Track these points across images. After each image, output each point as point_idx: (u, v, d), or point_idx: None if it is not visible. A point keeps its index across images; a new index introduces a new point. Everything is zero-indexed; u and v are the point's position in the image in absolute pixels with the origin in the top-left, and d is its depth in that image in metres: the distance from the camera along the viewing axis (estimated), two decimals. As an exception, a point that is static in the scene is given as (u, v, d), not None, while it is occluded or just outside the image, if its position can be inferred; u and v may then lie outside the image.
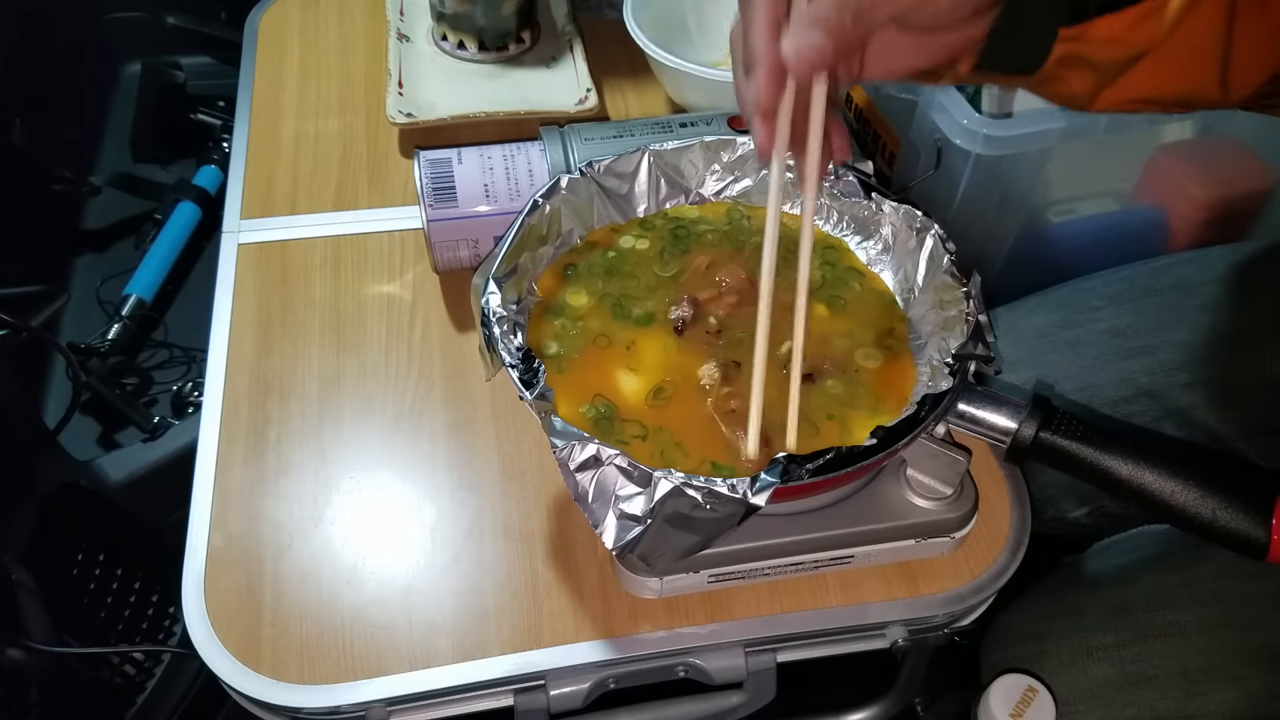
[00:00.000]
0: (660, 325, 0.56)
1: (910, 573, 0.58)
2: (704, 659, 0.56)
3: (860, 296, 0.59)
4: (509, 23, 0.84)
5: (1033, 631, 0.65)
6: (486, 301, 0.52)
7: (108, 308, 1.10)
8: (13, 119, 1.09)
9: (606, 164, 0.59)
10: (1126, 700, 0.60)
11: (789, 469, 0.44)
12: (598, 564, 0.57)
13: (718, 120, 0.70)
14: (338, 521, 0.59)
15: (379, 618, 0.55)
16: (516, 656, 0.54)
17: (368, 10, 0.93)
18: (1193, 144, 0.84)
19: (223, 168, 1.22)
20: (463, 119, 0.78)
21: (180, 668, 0.87)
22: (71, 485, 0.87)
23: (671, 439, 0.51)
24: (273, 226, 0.75)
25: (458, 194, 0.66)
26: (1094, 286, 0.75)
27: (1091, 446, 0.47)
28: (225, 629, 0.55)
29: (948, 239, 0.55)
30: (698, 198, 0.63)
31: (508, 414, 0.64)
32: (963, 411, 0.50)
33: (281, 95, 0.85)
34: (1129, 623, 0.62)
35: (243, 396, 0.65)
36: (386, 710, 0.54)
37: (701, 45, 0.85)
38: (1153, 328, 0.70)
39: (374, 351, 0.67)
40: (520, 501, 0.60)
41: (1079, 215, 0.85)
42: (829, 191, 0.60)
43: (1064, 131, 0.72)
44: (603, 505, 0.45)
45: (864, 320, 0.57)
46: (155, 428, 0.99)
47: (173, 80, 1.26)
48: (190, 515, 0.59)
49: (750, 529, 0.49)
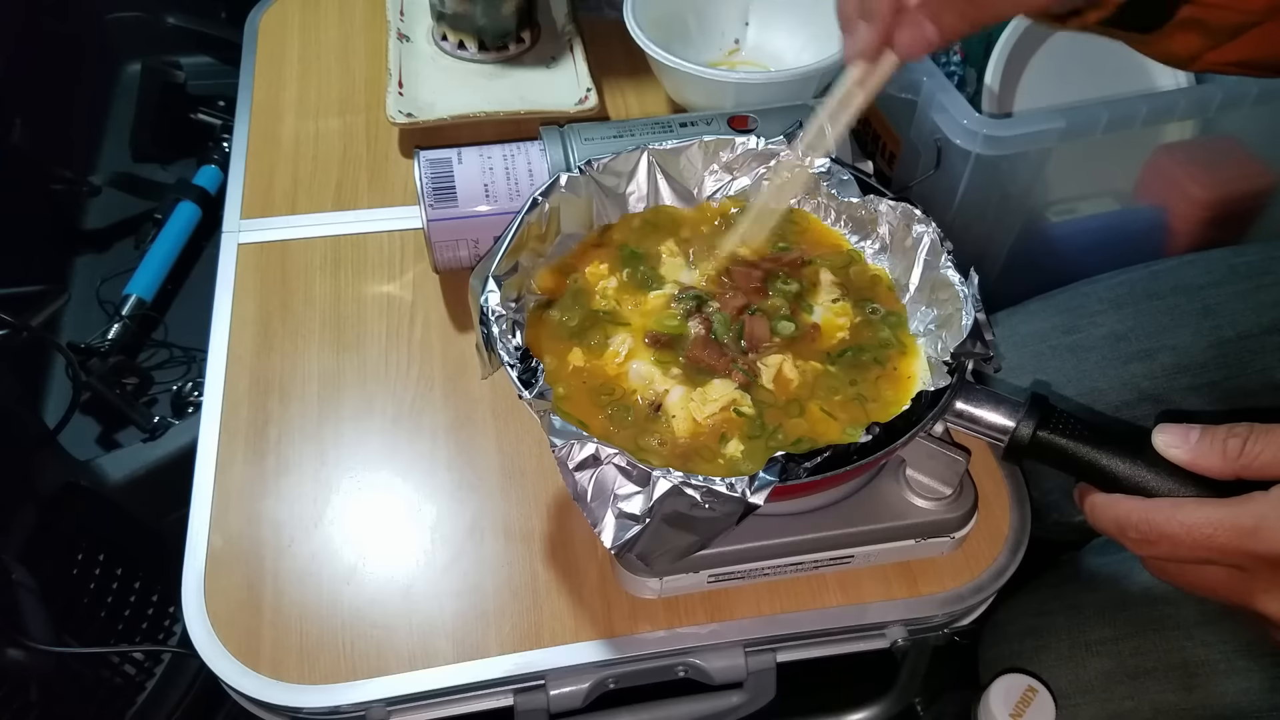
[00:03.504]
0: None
1: (910, 573, 0.58)
2: (704, 659, 0.56)
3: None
4: (509, 23, 0.84)
5: (1031, 627, 0.66)
6: (485, 300, 0.52)
7: (108, 308, 1.10)
8: (13, 119, 1.09)
9: (605, 162, 0.59)
10: (1126, 693, 0.60)
11: (787, 467, 0.44)
12: (598, 564, 0.57)
13: (718, 120, 0.70)
14: (338, 521, 0.59)
15: (379, 618, 0.55)
16: (516, 656, 0.54)
17: (368, 10, 0.93)
18: (1193, 144, 0.84)
19: (223, 168, 1.21)
20: (463, 119, 0.78)
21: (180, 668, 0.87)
22: (71, 485, 0.87)
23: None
24: (273, 226, 0.75)
25: (458, 194, 0.66)
26: (1094, 290, 0.75)
27: (1089, 445, 0.47)
28: (225, 629, 0.55)
29: (945, 237, 0.55)
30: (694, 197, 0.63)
31: (508, 414, 0.64)
32: (961, 410, 0.50)
33: (281, 95, 0.85)
34: (1127, 617, 0.62)
35: (243, 396, 0.65)
36: (386, 710, 0.54)
37: (701, 45, 0.85)
38: (1154, 331, 0.70)
39: (374, 351, 0.67)
40: (520, 501, 0.60)
41: (1079, 215, 0.85)
42: (827, 190, 0.60)
43: (1064, 131, 0.72)
44: (601, 504, 0.45)
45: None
46: (155, 428, 0.99)
47: (173, 80, 1.26)
48: (190, 515, 0.59)
49: (750, 529, 0.49)
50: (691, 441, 0.50)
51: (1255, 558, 0.40)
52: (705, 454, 0.50)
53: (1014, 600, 0.67)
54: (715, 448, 0.50)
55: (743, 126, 0.69)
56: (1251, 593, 0.42)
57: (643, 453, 0.50)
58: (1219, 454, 0.43)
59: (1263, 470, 0.42)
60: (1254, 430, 0.42)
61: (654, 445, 0.50)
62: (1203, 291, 0.71)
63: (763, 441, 0.51)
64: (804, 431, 0.51)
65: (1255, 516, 0.40)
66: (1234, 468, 0.42)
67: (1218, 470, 0.43)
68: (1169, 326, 0.70)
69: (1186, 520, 0.41)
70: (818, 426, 0.52)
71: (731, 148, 0.61)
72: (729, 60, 0.86)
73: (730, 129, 0.69)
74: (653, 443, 0.50)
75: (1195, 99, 0.76)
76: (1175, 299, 0.71)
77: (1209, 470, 0.43)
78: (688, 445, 0.50)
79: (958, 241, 0.54)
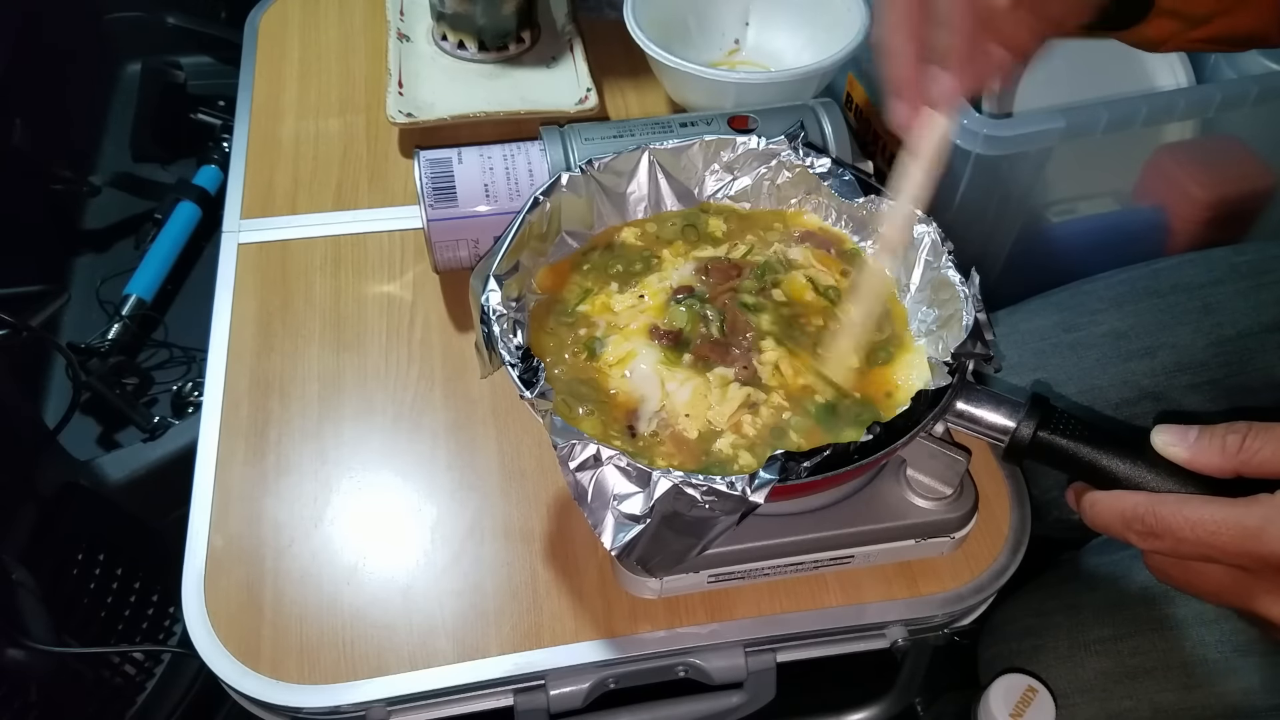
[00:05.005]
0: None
1: (910, 573, 0.58)
2: (704, 659, 0.56)
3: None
4: (509, 22, 0.84)
5: (1029, 626, 0.66)
6: (486, 299, 0.52)
7: (108, 308, 1.10)
8: (13, 119, 1.09)
9: (606, 162, 0.59)
10: (1125, 692, 0.60)
11: (787, 466, 0.44)
12: (598, 564, 0.57)
13: (718, 120, 0.70)
14: (338, 521, 0.59)
15: (379, 618, 0.55)
16: (516, 656, 0.54)
17: (368, 10, 0.92)
18: (1193, 144, 0.84)
19: (223, 168, 1.22)
20: (463, 119, 0.78)
21: (180, 668, 0.87)
22: (71, 485, 0.87)
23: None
24: (273, 226, 0.75)
25: (458, 194, 0.66)
26: (1095, 289, 0.75)
27: (1090, 445, 0.47)
28: (225, 629, 0.55)
29: (946, 237, 0.55)
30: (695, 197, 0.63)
31: (508, 414, 0.64)
32: (961, 410, 0.50)
33: (281, 95, 0.85)
34: (1126, 616, 0.62)
35: (243, 396, 0.65)
36: (386, 710, 0.54)
37: (701, 45, 0.85)
38: (1154, 329, 0.70)
39: (374, 351, 0.67)
40: (520, 501, 0.60)
41: (1079, 215, 0.85)
42: (827, 190, 0.60)
43: (1064, 131, 0.72)
44: (602, 505, 0.45)
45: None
46: (155, 428, 1.00)
47: (173, 80, 1.26)
48: (190, 515, 0.59)
49: (750, 529, 0.49)
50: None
51: (1258, 559, 0.40)
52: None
53: (1014, 600, 0.67)
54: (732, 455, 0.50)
55: (743, 126, 0.69)
56: (1253, 595, 0.42)
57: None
58: (1218, 451, 0.43)
59: (1262, 467, 0.42)
60: (1253, 428, 0.42)
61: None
62: (1203, 290, 0.71)
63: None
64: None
65: (1260, 518, 0.40)
66: (1233, 464, 0.42)
67: (1217, 468, 0.43)
68: (1169, 324, 0.70)
69: (1191, 516, 0.41)
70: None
71: (733, 147, 0.61)
72: (729, 60, 0.86)
73: (730, 129, 0.69)
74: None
75: (1195, 99, 0.76)
76: (1176, 297, 0.71)
77: (1209, 468, 0.43)
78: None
79: (958, 241, 0.54)
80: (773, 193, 0.62)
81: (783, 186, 0.62)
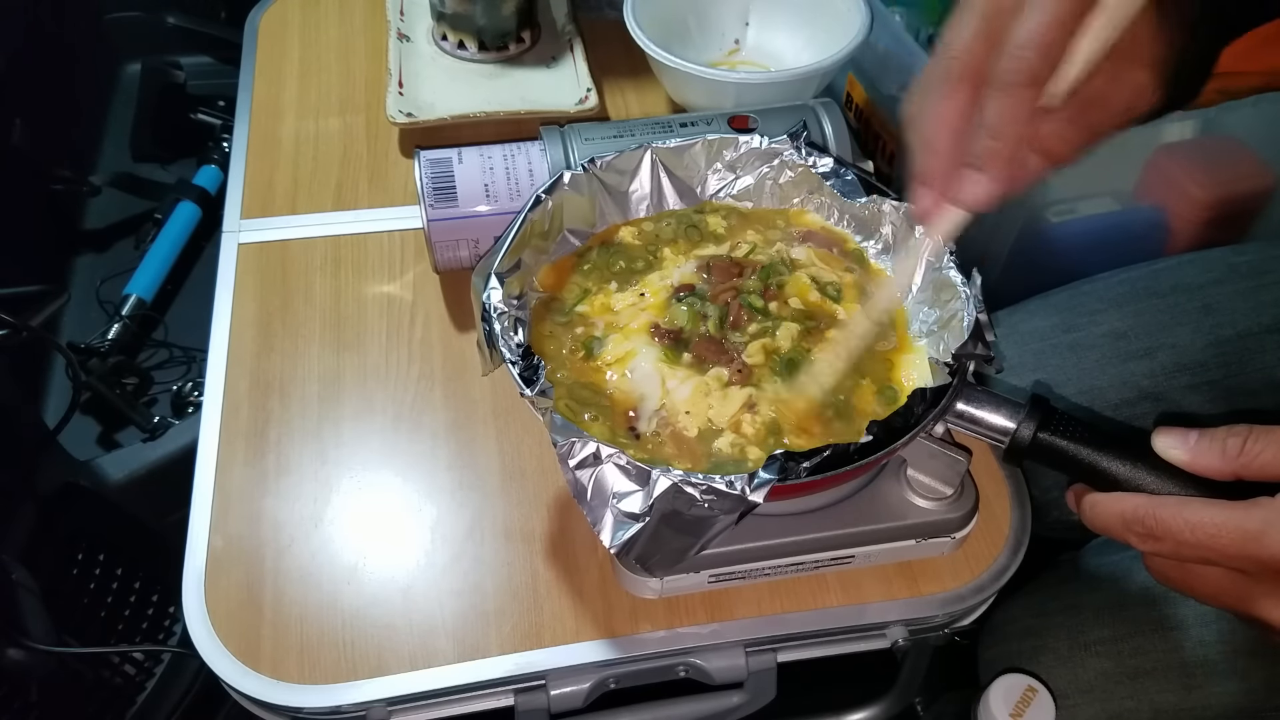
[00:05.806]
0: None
1: (910, 573, 0.58)
2: (704, 659, 0.56)
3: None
4: (509, 22, 0.84)
5: (1030, 627, 0.66)
6: (488, 297, 0.51)
7: (108, 308, 1.10)
8: (13, 119, 1.09)
9: (609, 160, 0.59)
10: (1126, 693, 0.60)
11: (786, 465, 0.44)
12: (598, 564, 0.57)
13: (718, 120, 0.70)
14: (338, 521, 0.59)
15: (379, 618, 0.55)
16: (517, 656, 0.54)
17: (368, 10, 0.93)
18: (1193, 144, 0.84)
19: (223, 168, 1.22)
20: (463, 119, 0.78)
21: (180, 668, 0.87)
22: (71, 485, 0.87)
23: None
24: (273, 226, 0.75)
25: (458, 194, 0.66)
26: (1094, 289, 0.75)
27: (1090, 447, 0.47)
28: (225, 629, 0.55)
29: (947, 238, 0.55)
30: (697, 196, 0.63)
31: (508, 414, 0.64)
32: (961, 411, 0.50)
33: (281, 95, 0.85)
34: (1126, 617, 0.62)
35: (243, 396, 0.65)
36: (387, 710, 0.54)
37: (701, 45, 0.85)
38: (1154, 330, 0.70)
39: (374, 351, 0.67)
40: (520, 501, 0.60)
41: (1079, 215, 0.85)
42: (830, 189, 0.60)
43: (1064, 131, 0.72)
44: (601, 503, 0.45)
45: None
46: (155, 428, 1.00)
47: (173, 80, 1.26)
48: (190, 515, 0.59)
49: (750, 529, 0.49)
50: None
51: (1258, 562, 0.40)
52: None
53: (1013, 600, 0.67)
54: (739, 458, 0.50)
55: (743, 126, 0.69)
56: (1253, 598, 0.42)
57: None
58: (1218, 454, 0.43)
59: (1263, 469, 0.42)
60: (1253, 431, 0.42)
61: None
62: (1203, 290, 0.71)
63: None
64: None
65: (1261, 521, 0.40)
66: (1234, 467, 0.42)
67: (1217, 470, 0.43)
68: (1169, 325, 0.70)
69: (1192, 518, 0.41)
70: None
71: (735, 146, 0.61)
72: (729, 60, 0.86)
73: (730, 129, 0.69)
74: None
75: (1195, 99, 0.76)
76: (1175, 297, 0.71)
77: (1209, 470, 0.43)
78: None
79: (958, 242, 0.54)
80: (775, 192, 0.62)
81: (785, 186, 0.62)
